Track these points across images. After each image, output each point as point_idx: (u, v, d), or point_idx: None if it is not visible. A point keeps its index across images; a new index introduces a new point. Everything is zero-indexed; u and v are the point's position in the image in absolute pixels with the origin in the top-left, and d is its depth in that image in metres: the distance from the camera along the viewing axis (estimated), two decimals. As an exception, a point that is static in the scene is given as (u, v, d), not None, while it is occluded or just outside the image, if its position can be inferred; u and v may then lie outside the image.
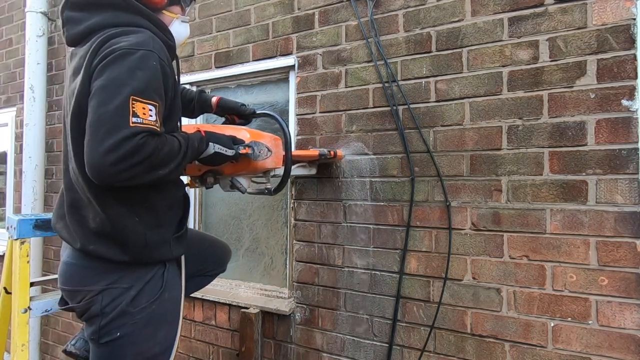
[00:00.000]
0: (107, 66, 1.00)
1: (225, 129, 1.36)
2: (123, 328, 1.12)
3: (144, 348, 1.16)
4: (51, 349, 3.07)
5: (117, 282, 1.13)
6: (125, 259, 1.12)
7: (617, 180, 1.37)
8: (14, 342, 1.31)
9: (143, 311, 1.14)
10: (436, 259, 1.66)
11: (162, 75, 1.07)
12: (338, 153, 1.83)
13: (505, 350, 1.52)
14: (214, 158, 1.22)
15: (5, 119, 3.45)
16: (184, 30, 1.32)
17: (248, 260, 2.32)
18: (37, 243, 3.07)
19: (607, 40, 1.39)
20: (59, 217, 1.21)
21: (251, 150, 1.30)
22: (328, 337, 1.91)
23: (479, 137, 1.59)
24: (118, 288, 1.12)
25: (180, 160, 1.09)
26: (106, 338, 1.12)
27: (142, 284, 1.15)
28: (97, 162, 0.93)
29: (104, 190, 1.08)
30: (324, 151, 1.74)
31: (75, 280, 1.15)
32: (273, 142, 1.40)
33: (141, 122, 0.96)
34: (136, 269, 1.15)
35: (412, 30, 1.75)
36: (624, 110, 1.36)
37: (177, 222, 1.27)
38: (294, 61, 2.06)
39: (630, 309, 1.34)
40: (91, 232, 1.12)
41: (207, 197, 2.48)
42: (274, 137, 1.43)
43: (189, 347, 2.36)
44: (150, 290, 1.17)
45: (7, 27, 3.49)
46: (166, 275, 1.21)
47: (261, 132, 1.42)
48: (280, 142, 1.46)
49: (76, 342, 1.38)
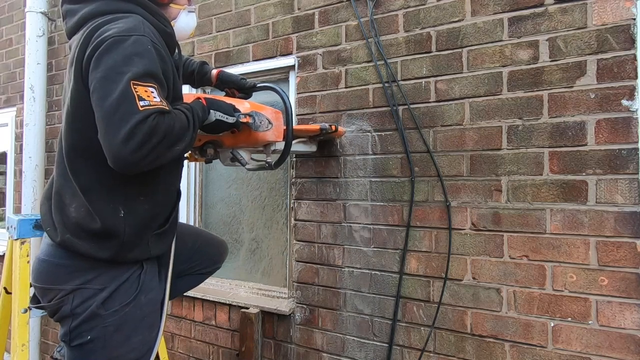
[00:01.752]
0: (101, 56, 0.99)
1: (226, 100, 1.33)
2: (93, 331, 1.08)
3: (116, 353, 1.11)
4: (51, 349, 3.07)
5: (90, 282, 1.09)
6: (100, 255, 1.09)
7: (617, 180, 1.37)
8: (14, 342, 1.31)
9: (115, 314, 1.10)
10: (436, 259, 1.66)
11: (159, 58, 1.06)
12: (339, 129, 1.80)
13: (505, 350, 1.52)
14: (215, 126, 1.21)
15: (5, 119, 3.45)
16: (191, 20, 1.33)
17: (248, 260, 2.32)
18: (37, 243, 3.06)
19: (607, 40, 1.39)
20: (45, 198, 1.19)
21: (252, 120, 1.28)
22: (328, 337, 1.91)
23: (479, 137, 1.59)
24: (90, 289, 1.09)
25: (191, 133, 1.09)
26: (77, 341, 1.09)
27: (116, 285, 1.11)
28: (119, 153, 0.93)
29: (95, 182, 1.08)
30: (325, 125, 1.71)
31: (47, 278, 1.12)
32: (274, 115, 1.38)
33: (148, 104, 0.96)
34: (110, 269, 1.12)
35: (412, 30, 1.75)
36: (624, 110, 1.36)
37: (162, 220, 1.23)
38: (294, 61, 2.06)
39: (630, 309, 1.34)
40: (71, 222, 1.09)
41: (207, 197, 2.48)
42: (275, 111, 1.41)
43: (189, 347, 2.36)
44: (125, 292, 1.13)
45: (7, 27, 3.49)
46: (143, 277, 1.17)
47: (262, 105, 1.40)
48: (281, 116, 1.44)
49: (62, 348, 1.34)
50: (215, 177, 2.46)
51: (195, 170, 2.47)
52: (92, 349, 1.09)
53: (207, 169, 2.48)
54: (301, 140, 1.83)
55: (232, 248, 2.38)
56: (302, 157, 2.01)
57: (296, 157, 2.03)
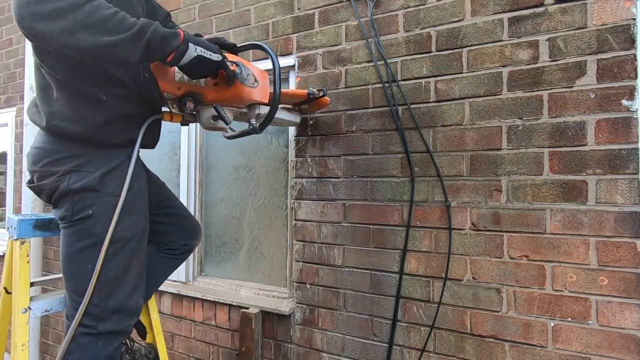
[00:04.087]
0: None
1: None
2: (95, 206, 1.15)
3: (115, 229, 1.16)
4: (51, 349, 3.07)
5: (83, 166, 1.15)
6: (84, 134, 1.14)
7: (617, 180, 1.37)
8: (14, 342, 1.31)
9: (111, 195, 1.17)
10: (436, 259, 1.66)
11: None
12: (325, 98, 1.76)
13: (505, 350, 1.52)
14: (197, 65, 1.11)
15: (5, 119, 3.45)
16: None
17: (248, 260, 2.32)
18: (37, 243, 3.07)
19: (607, 40, 1.39)
20: (32, 102, 1.24)
21: (239, 70, 1.18)
22: (328, 337, 1.91)
23: (479, 137, 1.59)
24: (84, 171, 1.15)
25: (134, 36, 0.98)
26: (80, 214, 1.14)
27: (107, 169, 1.17)
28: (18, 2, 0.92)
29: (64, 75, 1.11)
30: (313, 90, 1.67)
31: (43, 162, 1.16)
32: (260, 74, 1.30)
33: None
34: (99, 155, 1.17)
35: (412, 30, 1.75)
36: (624, 110, 1.36)
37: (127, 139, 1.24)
38: (294, 61, 2.06)
39: (630, 309, 1.34)
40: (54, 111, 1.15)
41: (207, 197, 2.48)
42: (261, 70, 1.33)
43: (189, 347, 2.36)
44: (117, 177, 1.19)
45: (7, 27, 3.49)
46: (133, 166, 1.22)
47: (248, 62, 1.31)
48: (267, 77, 1.35)
49: None
50: (215, 177, 2.46)
51: (195, 170, 2.47)
52: (94, 223, 1.15)
53: (207, 169, 2.48)
54: (286, 107, 1.76)
55: (232, 248, 2.38)
56: (302, 157, 2.01)
57: (296, 157, 2.03)
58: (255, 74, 1.27)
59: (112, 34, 0.96)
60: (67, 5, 0.93)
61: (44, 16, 0.92)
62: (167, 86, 1.22)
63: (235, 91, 1.23)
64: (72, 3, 0.93)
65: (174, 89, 1.23)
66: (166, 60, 1.08)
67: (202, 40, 1.14)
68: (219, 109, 1.28)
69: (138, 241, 1.25)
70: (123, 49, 0.99)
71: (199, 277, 2.46)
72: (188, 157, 2.47)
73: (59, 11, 0.92)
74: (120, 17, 0.99)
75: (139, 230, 1.26)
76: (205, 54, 1.11)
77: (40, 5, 0.91)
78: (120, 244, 1.18)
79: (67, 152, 1.16)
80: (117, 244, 1.17)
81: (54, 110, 1.15)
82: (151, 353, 1.59)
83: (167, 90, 1.23)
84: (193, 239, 1.61)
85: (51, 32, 0.93)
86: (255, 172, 2.31)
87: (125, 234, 1.19)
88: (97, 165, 1.17)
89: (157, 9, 1.54)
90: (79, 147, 1.16)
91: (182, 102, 1.25)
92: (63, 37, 0.94)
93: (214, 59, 1.13)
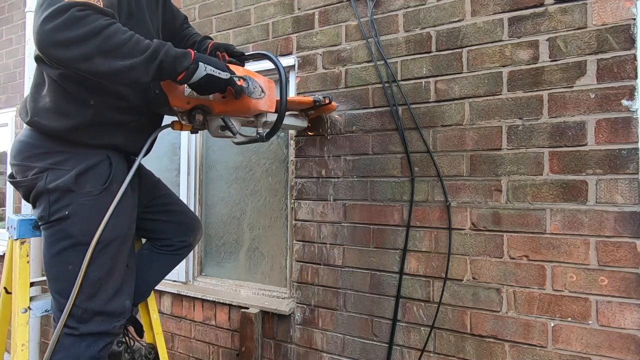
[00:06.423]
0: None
1: None
2: (71, 207, 1.15)
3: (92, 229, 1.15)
4: (51, 349, 3.07)
5: (60, 164, 1.16)
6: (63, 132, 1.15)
7: (617, 180, 1.37)
8: (14, 342, 1.31)
9: (88, 195, 1.16)
10: (436, 259, 1.66)
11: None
12: (332, 103, 1.78)
13: (505, 350, 1.52)
14: (206, 82, 1.14)
15: (5, 119, 3.45)
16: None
17: (248, 260, 2.32)
18: (37, 243, 3.06)
19: (607, 40, 1.39)
20: (24, 98, 1.26)
21: (246, 84, 1.21)
22: (328, 337, 1.91)
23: (479, 137, 1.59)
24: (61, 170, 1.15)
25: (147, 59, 1.01)
26: (56, 215, 1.15)
27: (84, 168, 1.17)
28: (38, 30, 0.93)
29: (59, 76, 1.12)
30: (319, 97, 1.69)
31: (23, 156, 1.18)
32: (267, 84, 1.33)
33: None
34: (78, 153, 1.18)
35: (412, 30, 1.75)
36: (624, 110, 1.36)
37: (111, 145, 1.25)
38: (294, 61, 2.06)
39: (630, 309, 1.34)
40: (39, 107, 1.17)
41: (207, 197, 2.48)
42: (268, 80, 1.35)
43: (189, 347, 2.36)
44: (95, 177, 1.18)
45: (7, 27, 3.49)
46: (114, 166, 1.22)
47: (255, 72, 1.34)
48: (274, 86, 1.38)
49: None
50: (215, 177, 2.46)
51: (195, 170, 2.47)
52: (71, 223, 1.15)
53: (207, 169, 2.48)
54: (293, 113, 1.78)
55: (232, 248, 2.38)
56: (302, 157, 2.01)
57: (296, 157, 2.03)
58: (262, 84, 1.30)
59: (126, 58, 0.99)
60: (85, 33, 0.94)
61: (62, 44, 0.93)
62: (177, 101, 1.26)
63: (242, 104, 1.27)
64: (90, 30, 0.94)
65: (184, 104, 1.26)
66: (177, 79, 1.11)
67: (212, 59, 1.17)
68: (226, 120, 1.32)
69: (121, 242, 1.24)
70: (137, 71, 1.02)
71: (199, 277, 2.46)
72: (188, 157, 2.47)
73: (78, 39, 0.94)
74: (135, 40, 1.01)
75: (122, 231, 1.24)
76: (215, 73, 1.14)
77: (59, 33, 0.92)
78: (101, 246, 1.16)
79: (45, 147, 1.17)
80: (98, 246, 1.15)
81: (39, 106, 1.17)
82: (151, 353, 1.59)
83: (177, 105, 1.27)
84: (189, 235, 1.58)
85: (70, 58, 0.95)
86: (255, 172, 2.31)
87: (106, 235, 1.17)
88: (74, 163, 1.17)
89: (176, 14, 1.59)
90: (57, 144, 1.17)
91: (192, 114, 1.29)
92: (80, 62, 0.96)
93: (223, 77, 1.16)
